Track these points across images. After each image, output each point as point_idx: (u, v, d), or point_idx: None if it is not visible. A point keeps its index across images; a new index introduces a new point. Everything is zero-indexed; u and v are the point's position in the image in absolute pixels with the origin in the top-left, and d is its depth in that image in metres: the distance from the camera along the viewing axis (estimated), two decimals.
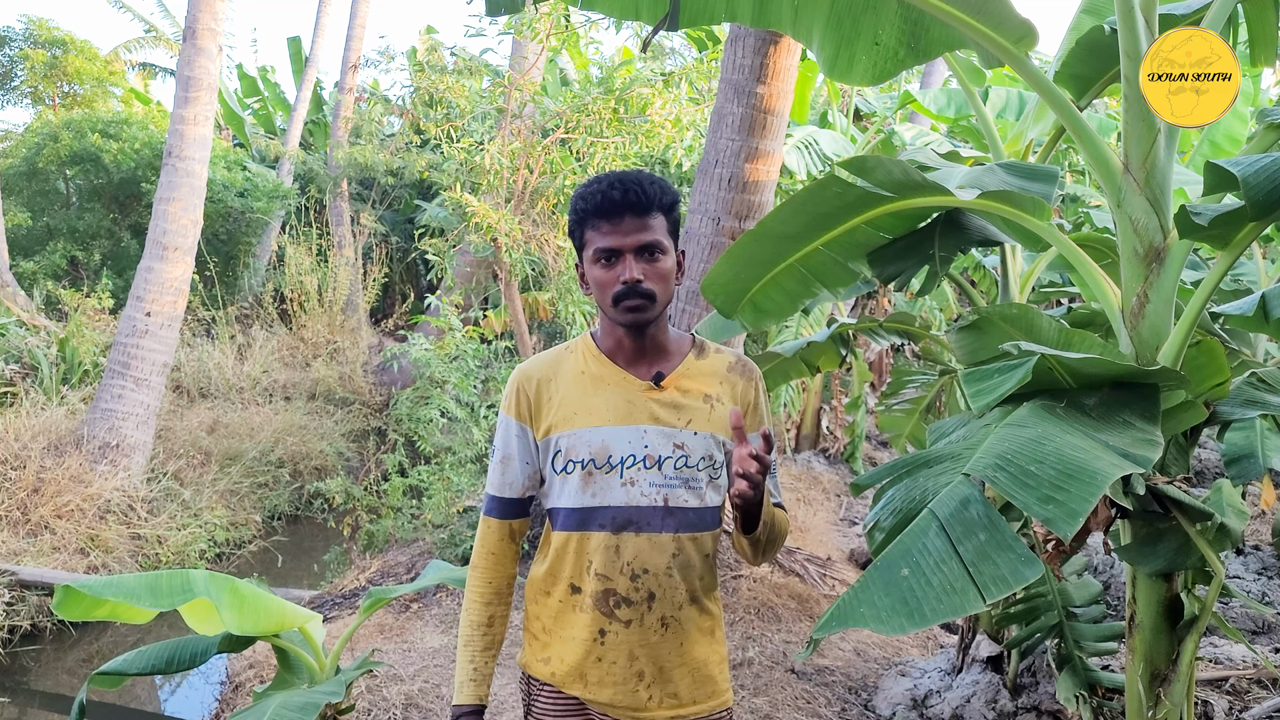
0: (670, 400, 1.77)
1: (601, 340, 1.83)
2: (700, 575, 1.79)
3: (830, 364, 4.10)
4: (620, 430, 1.75)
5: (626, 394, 1.77)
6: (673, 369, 1.80)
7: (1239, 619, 4.69)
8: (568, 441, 1.76)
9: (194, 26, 7.74)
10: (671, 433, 1.75)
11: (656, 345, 1.80)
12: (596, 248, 1.72)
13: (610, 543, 1.74)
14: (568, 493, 1.77)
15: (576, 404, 1.78)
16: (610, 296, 1.71)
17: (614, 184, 1.70)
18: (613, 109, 7.58)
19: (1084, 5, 3.56)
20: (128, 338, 7.55)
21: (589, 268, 1.75)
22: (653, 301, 1.72)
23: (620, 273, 1.70)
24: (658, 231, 1.72)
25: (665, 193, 1.74)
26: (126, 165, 11.42)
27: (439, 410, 7.24)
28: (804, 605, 5.18)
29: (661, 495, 1.74)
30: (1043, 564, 1.64)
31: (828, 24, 2.56)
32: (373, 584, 5.78)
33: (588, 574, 1.76)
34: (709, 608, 1.83)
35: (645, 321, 1.74)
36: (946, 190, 2.50)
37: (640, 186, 1.70)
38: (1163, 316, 2.30)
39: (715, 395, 1.80)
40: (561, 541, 1.79)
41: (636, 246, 1.70)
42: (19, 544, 6.27)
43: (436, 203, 11.60)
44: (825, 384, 9.41)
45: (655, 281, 1.71)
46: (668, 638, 1.76)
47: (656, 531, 1.74)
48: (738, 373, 1.85)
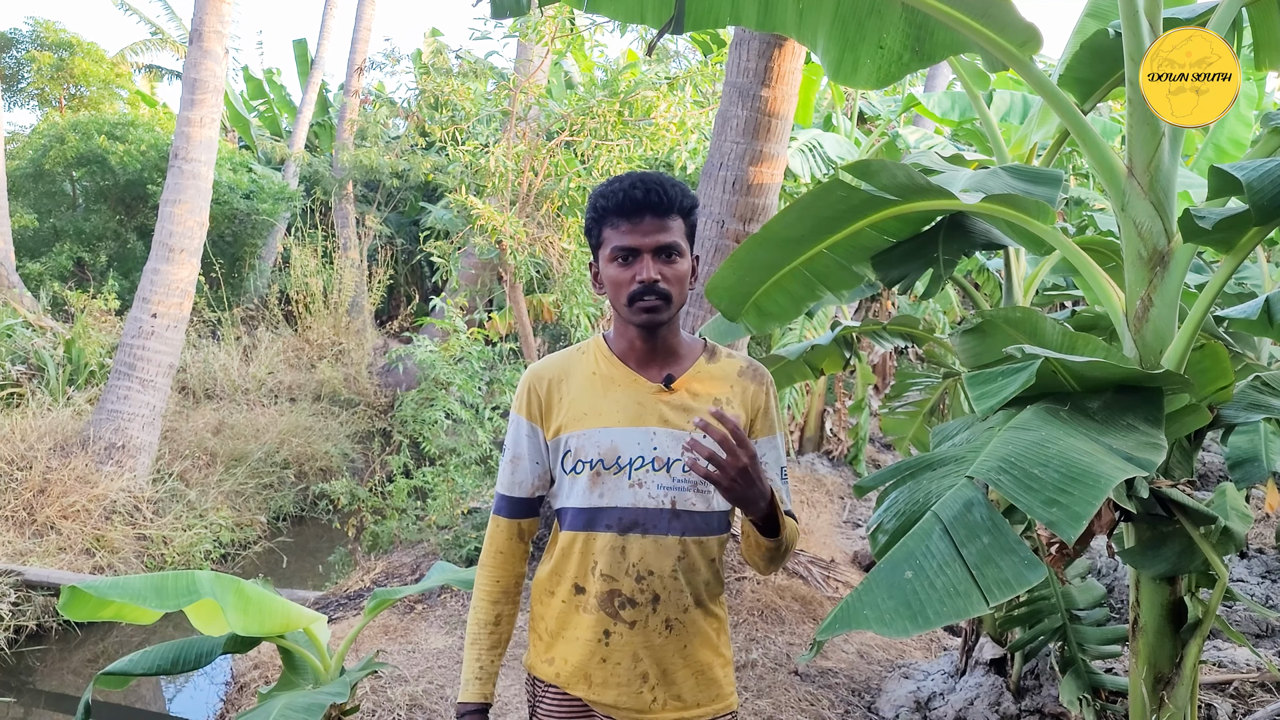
0: (680, 403, 1.78)
1: (614, 342, 1.84)
2: (705, 579, 1.80)
3: (834, 366, 4.10)
4: (629, 432, 1.75)
5: (637, 396, 1.77)
6: (684, 372, 1.81)
7: (1243, 622, 4.68)
8: (577, 442, 1.77)
9: (200, 29, 7.76)
10: (681, 435, 1.75)
11: (668, 348, 1.81)
12: (615, 246, 1.72)
13: (616, 544, 1.74)
14: (576, 493, 1.77)
15: (587, 404, 1.78)
16: (625, 296, 1.72)
17: (636, 184, 1.70)
18: (617, 112, 7.60)
19: (1088, 9, 3.56)
20: (134, 339, 7.58)
21: (605, 266, 1.75)
22: (668, 303, 1.72)
23: (637, 272, 1.70)
24: (676, 233, 1.72)
25: (685, 196, 1.74)
26: (132, 167, 11.45)
27: (444, 412, 7.24)
28: (807, 607, 5.18)
29: (669, 498, 1.74)
30: (1046, 567, 1.64)
31: (832, 27, 2.56)
32: (377, 585, 5.79)
33: (593, 575, 1.76)
34: (714, 611, 1.83)
35: (659, 323, 1.74)
36: (950, 194, 2.50)
37: (662, 187, 1.70)
38: (1166, 320, 2.30)
39: (726, 399, 1.81)
40: (568, 541, 1.79)
41: (655, 247, 1.70)
42: (25, 544, 6.29)
43: (441, 205, 11.62)
44: (829, 386, 9.40)
45: (671, 283, 1.72)
46: (672, 640, 1.77)
47: (663, 534, 1.74)
48: (749, 377, 1.85)
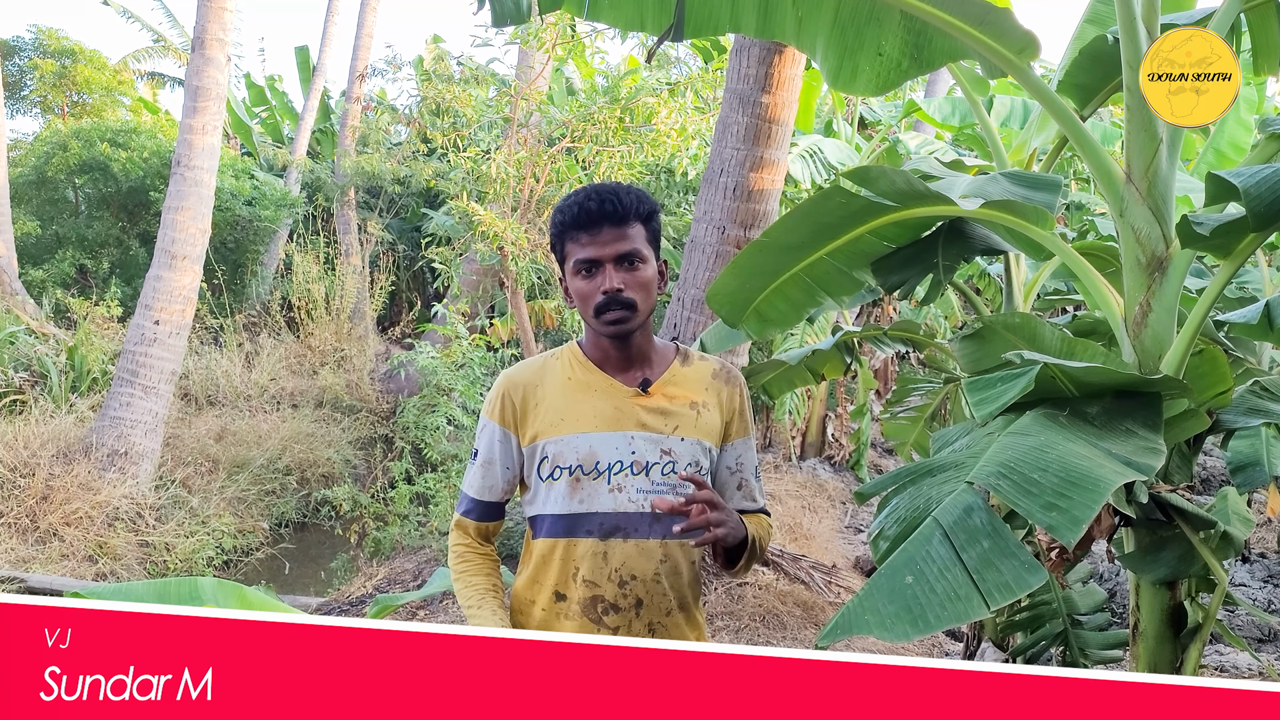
0: (657, 407, 1.78)
1: (588, 348, 1.85)
2: (688, 582, 1.80)
3: (835, 372, 4.10)
4: (608, 436, 1.76)
5: (614, 400, 1.78)
6: (659, 376, 1.82)
7: (1243, 627, 4.68)
8: (555, 448, 1.77)
9: (202, 36, 7.78)
10: (659, 439, 1.76)
11: (642, 353, 1.82)
12: (576, 259, 1.73)
13: (598, 549, 1.75)
14: (554, 499, 1.78)
15: (563, 410, 1.79)
16: (592, 308, 1.73)
17: (590, 195, 1.72)
18: (618, 118, 7.61)
19: (1087, 15, 3.58)
20: (136, 346, 7.59)
21: (570, 280, 1.77)
22: (634, 311, 1.73)
23: (601, 283, 1.71)
24: (636, 240, 1.73)
25: (642, 202, 1.75)
26: (135, 174, 11.47)
27: (445, 418, 7.25)
28: (809, 612, 5.18)
29: (649, 501, 1.75)
30: (1046, 571, 1.65)
31: (831, 35, 2.58)
32: (379, 591, 5.79)
33: (574, 581, 1.76)
34: (695, 616, 1.84)
35: (628, 332, 1.75)
36: (950, 200, 2.51)
37: (616, 196, 1.72)
38: (1165, 325, 2.31)
39: (702, 402, 1.82)
40: (547, 548, 1.79)
41: (615, 256, 1.71)
42: (28, 551, 6.30)
43: (443, 211, 11.62)
44: (830, 391, 9.39)
45: (635, 290, 1.73)
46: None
47: (644, 538, 1.75)
48: (722, 380, 1.87)
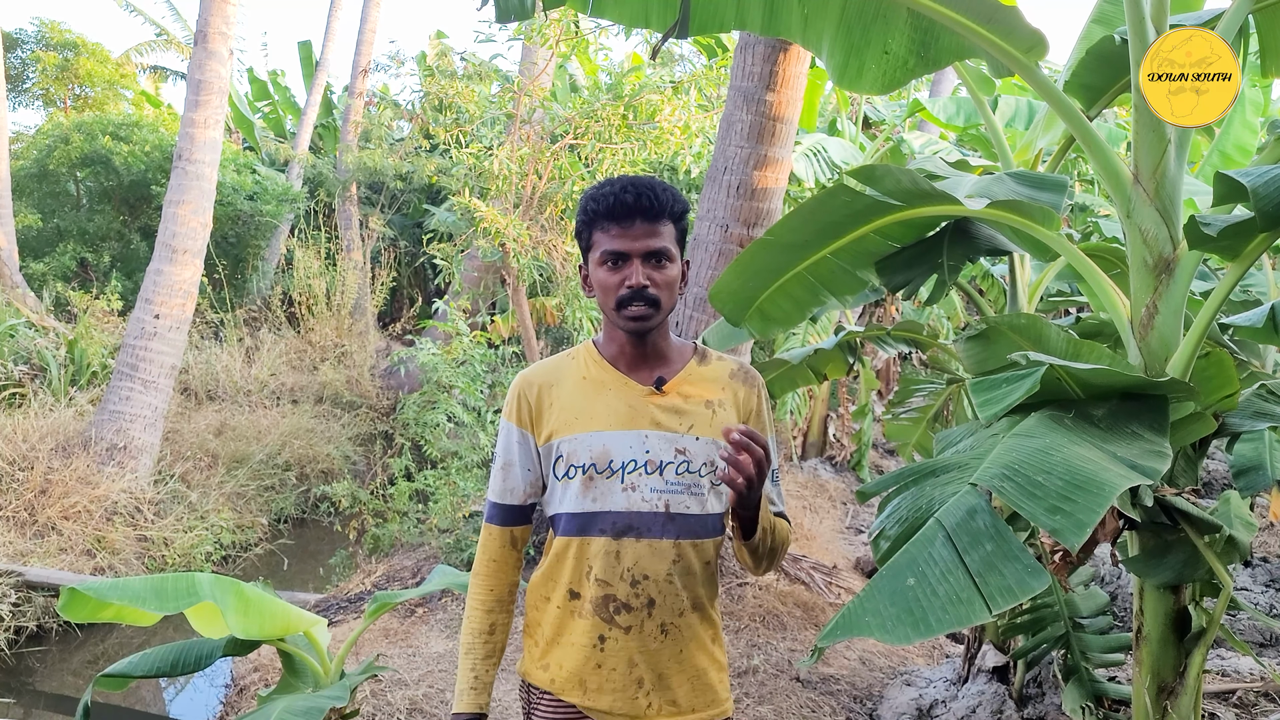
0: (672, 405, 1.77)
1: (604, 346, 1.83)
2: (701, 582, 1.79)
3: (837, 371, 4.08)
4: (621, 435, 1.74)
5: (628, 399, 1.76)
6: (675, 374, 1.80)
7: (1247, 631, 4.66)
8: (569, 446, 1.76)
9: (205, 30, 7.77)
10: (673, 438, 1.75)
11: (658, 351, 1.80)
12: (604, 250, 1.71)
13: (611, 548, 1.73)
14: (569, 498, 1.76)
15: (578, 409, 1.77)
16: (614, 300, 1.71)
17: (627, 187, 1.70)
18: (622, 115, 7.59)
19: (1094, 15, 3.56)
20: (136, 340, 7.58)
21: (594, 269, 1.75)
22: (656, 308, 1.71)
23: (626, 277, 1.70)
24: (666, 239, 1.72)
25: (677, 201, 1.74)
26: (137, 168, 11.47)
27: (446, 415, 7.24)
28: (809, 613, 5.17)
29: (663, 501, 1.73)
30: (1049, 574, 1.64)
31: (837, 32, 2.56)
32: (378, 588, 5.78)
33: (587, 579, 1.75)
34: (709, 615, 1.82)
35: (647, 329, 1.74)
36: (955, 199, 2.50)
37: (653, 192, 1.70)
38: (1172, 327, 2.29)
39: (718, 401, 1.80)
40: (562, 547, 1.78)
41: (645, 252, 1.70)
42: (26, 545, 6.28)
43: (445, 207, 11.62)
44: (832, 391, 9.38)
45: (660, 288, 1.71)
46: (667, 644, 1.75)
47: (657, 537, 1.73)
48: (740, 380, 1.85)
